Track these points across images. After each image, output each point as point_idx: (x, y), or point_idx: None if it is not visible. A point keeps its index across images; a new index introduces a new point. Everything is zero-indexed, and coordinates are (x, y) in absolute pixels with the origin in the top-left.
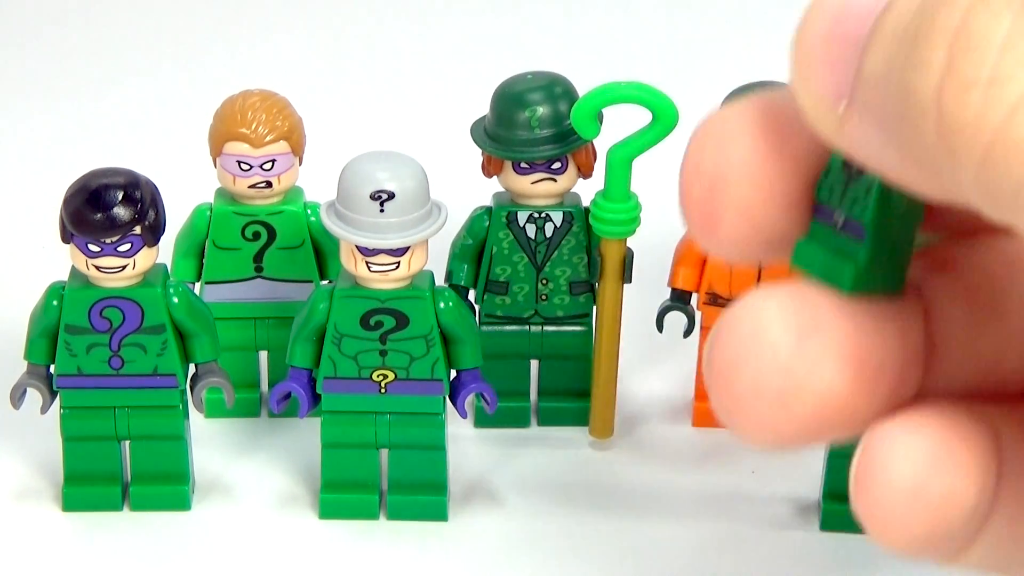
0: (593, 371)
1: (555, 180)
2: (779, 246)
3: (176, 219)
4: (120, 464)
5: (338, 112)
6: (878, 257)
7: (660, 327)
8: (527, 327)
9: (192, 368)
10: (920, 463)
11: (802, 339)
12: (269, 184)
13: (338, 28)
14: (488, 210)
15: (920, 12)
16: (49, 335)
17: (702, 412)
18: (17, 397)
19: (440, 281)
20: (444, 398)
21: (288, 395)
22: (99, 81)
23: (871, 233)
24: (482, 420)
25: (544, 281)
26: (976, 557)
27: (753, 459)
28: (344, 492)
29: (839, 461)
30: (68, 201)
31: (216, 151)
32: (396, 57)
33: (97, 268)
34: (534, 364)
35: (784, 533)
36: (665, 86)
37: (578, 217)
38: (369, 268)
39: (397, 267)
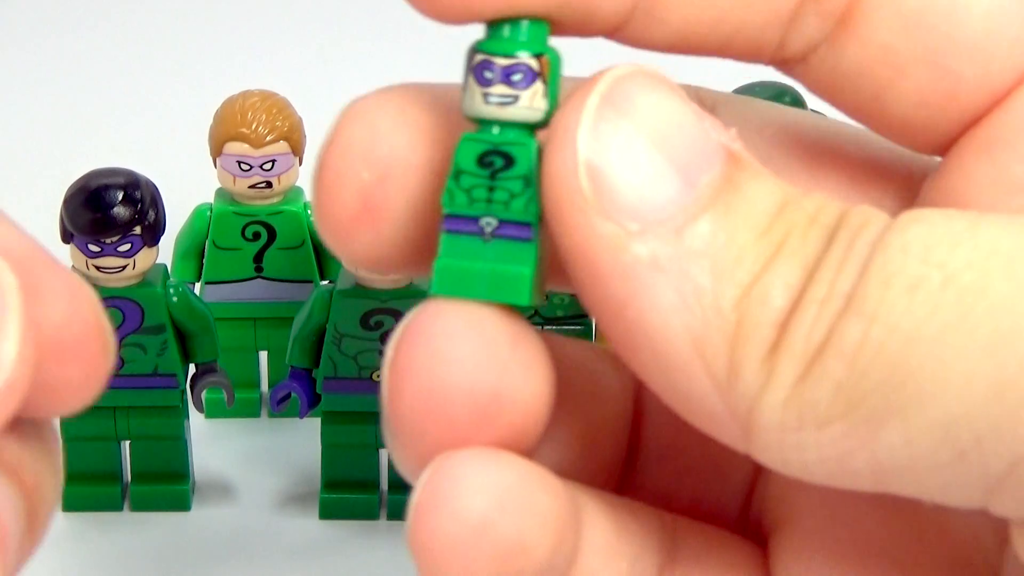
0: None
1: None
2: (425, 254)
3: (176, 219)
4: (120, 464)
5: (338, 112)
6: (541, 259)
7: None
8: None
9: (192, 368)
10: (492, 498)
11: (516, 343)
12: (269, 184)
13: (338, 28)
14: None
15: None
16: None
17: None
18: None
19: None
20: None
21: (288, 395)
22: (99, 81)
23: (539, 229)
24: None
25: None
26: None
27: None
28: (344, 492)
29: None
30: (68, 201)
31: (216, 151)
32: (396, 57)
33: (97, 268)
34: None
35: None
36: None
37: None
38: None
39: None
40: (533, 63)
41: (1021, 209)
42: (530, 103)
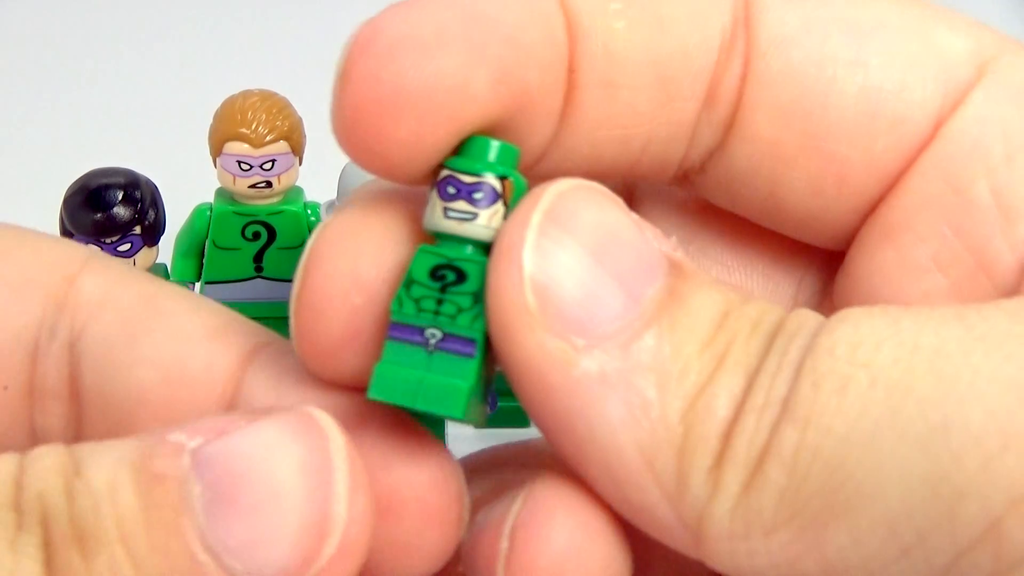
0: None
1: None
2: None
3: (176, 219)
4: None
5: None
6: (481, 375)
7: None
8: None
9: None
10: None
11: None
12: (269, 184)
13: (338, 28)
14: None
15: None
16: None
17: None
18: None
19: None
20: None
21: None
22: (99, 81)
23: (483, 346)
24: None
25: None
26: None
27: None
28: None
29: None
30: (68, 201)
31: (216, 151)
32: None
33: None
34: None
35: None
36: None
37: None
38: None
39: None
40: (496, 184)
41: (929, 291)
42: (488, 223)
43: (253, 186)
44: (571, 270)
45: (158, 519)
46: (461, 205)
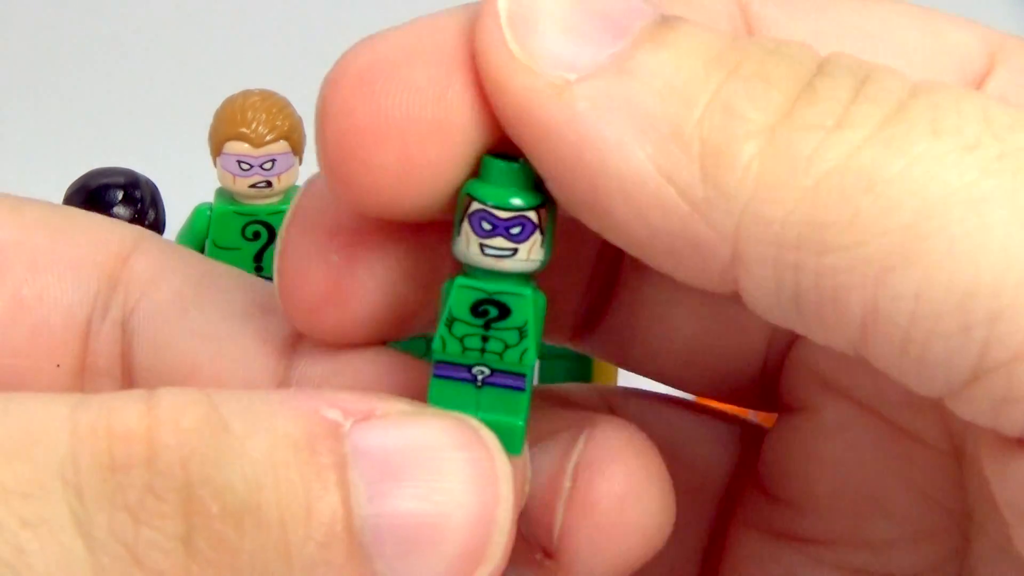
0: (593, 370)
1: None
2: (394, 331)
3: (176, 219)
4: None
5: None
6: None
7: None
8: None
9: None
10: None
11: None
12: (269, 184)
13: (338, 28)
14: None
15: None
16: None
17: None
18: None
19: None
20: None
21: None
22: (99, 81)
23: (530, 379)
24: None
25: None
26: None
27: None
28: None
29: None
30: (68, 201)
31: (216, 151)
32: None
33: None
34: None
35: None
36: None
37: None
38: None
39: None
40: (533, 216)
41: None
42: (527, 255)
43: (253, 186)
44: (551, 11)
45: (321, 508)
46: (499, 242)
